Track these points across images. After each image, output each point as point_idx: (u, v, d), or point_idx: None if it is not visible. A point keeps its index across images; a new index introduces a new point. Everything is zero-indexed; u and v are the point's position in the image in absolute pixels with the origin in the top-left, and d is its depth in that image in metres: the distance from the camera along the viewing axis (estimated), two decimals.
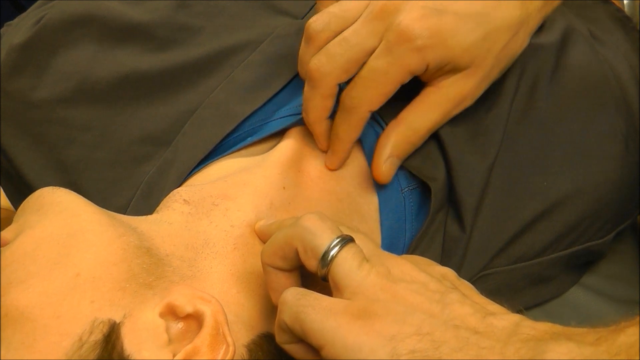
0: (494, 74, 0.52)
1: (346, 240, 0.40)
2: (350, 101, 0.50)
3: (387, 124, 0.53)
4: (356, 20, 0.50)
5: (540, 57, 0.58)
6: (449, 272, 0.43)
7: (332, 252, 0.39)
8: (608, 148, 0.57)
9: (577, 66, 0.58)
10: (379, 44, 0.49)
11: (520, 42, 0.51)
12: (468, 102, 0.52)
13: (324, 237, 0.40)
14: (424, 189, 0.55)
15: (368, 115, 0.51)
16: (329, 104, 0.51)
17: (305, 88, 0.52)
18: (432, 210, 0.53)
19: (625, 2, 0.74)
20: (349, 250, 0.39)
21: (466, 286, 0.42)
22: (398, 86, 0.50)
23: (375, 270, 0.39)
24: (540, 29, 0.61)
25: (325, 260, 0.39)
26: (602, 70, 0.58)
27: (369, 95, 0.49)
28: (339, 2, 0.51)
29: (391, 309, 0.37)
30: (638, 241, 0.66)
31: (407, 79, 0.49)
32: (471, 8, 0.48)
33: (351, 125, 0.51)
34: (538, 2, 0.50)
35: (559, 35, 0.59)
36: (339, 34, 0.50)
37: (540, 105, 0.56)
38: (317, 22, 0.51)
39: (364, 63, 0.49)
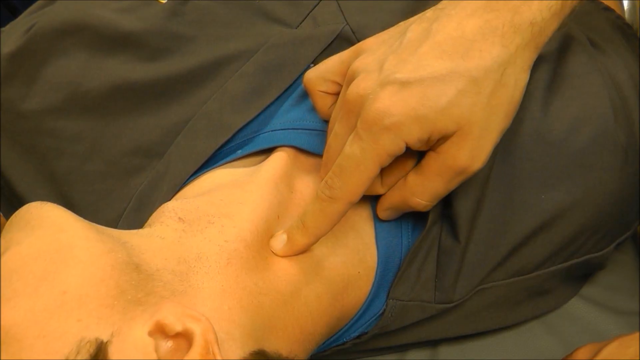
0: (495, 127, 0.46)
1: None
2: (330, 191, 0.47)
3: None
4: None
5: (537, 67, 0.57)
6: None
7: None
8: (607, 159, 0.56)
9: (575, 76, 0.57)
10: None
11: (514, 82, 0.45)
12: (476, 166, 0.47)
13: None
14: None
15: (348, 208, 0.47)
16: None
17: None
18: (429, 224, 0.53)
19: (625, 6, 0.73)
20: None
21: None
22: (377, 171, 0.46)
23: None
24: None
25: None
26: (601, 80, 0.57)
27: (351, 184, 0.46)
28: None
29: None
30: (638, 252, 0.66)
31: (386, 162, 0.46)
32: (438, 68, 0.44)
33: (326, 217, 0.47)
34: (522, 38, 0.45)
35: (557, 45, 0.58)
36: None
37: (538, 116, 0.55)
38: None
39: None
